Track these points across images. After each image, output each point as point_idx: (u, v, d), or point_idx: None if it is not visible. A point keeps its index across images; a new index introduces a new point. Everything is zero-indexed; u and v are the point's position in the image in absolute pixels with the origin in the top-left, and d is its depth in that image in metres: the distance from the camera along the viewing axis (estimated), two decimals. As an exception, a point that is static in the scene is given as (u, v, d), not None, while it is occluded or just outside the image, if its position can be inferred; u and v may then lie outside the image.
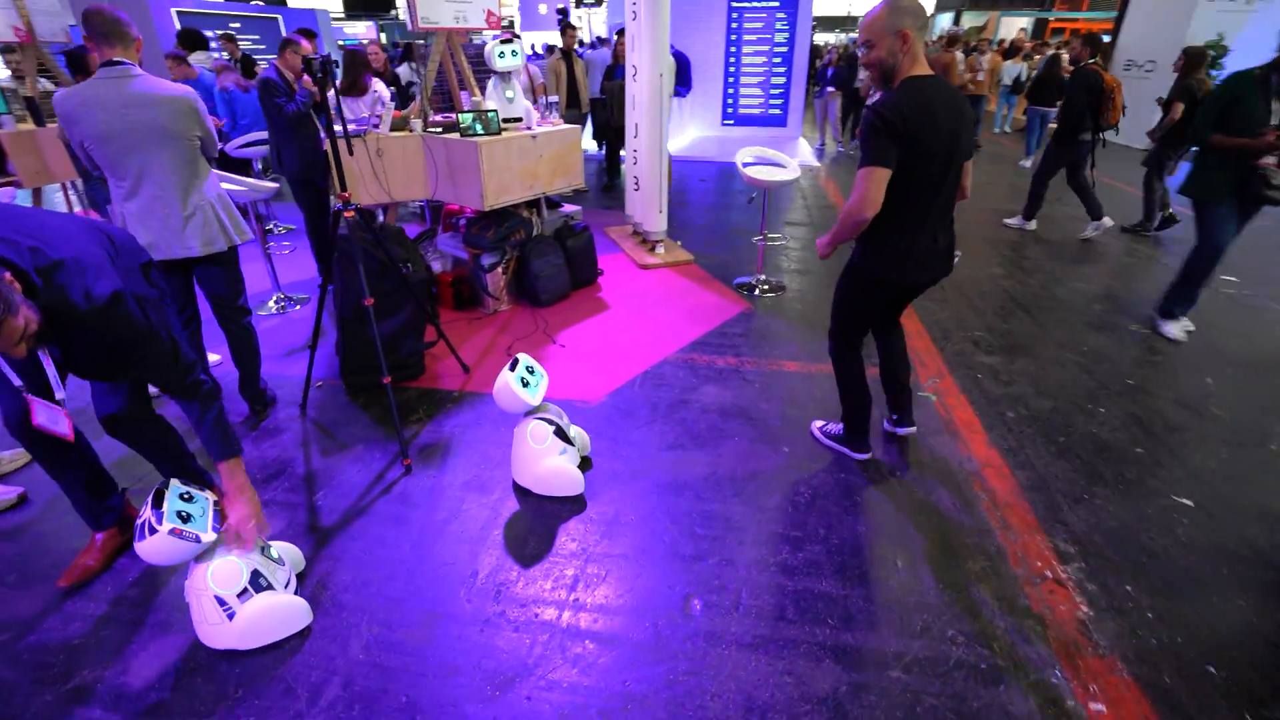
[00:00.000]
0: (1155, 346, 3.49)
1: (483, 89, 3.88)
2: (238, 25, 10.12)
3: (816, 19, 9.99)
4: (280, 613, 1.80)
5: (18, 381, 1.62)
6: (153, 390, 2.11)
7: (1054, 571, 2.03)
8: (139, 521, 1.63)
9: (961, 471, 2.49)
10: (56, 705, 1.65)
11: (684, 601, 1.93)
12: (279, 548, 1.98)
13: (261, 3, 19.08)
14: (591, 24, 18.82)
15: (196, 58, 5.93)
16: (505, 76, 3.60)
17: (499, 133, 3.47)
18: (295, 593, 1.93)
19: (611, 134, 6.93)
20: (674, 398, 3.00)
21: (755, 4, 8.94)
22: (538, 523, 2.25)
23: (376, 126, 3.64)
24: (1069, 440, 2.68)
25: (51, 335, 1.44)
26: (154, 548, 1.60)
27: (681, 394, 3.03)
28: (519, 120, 3.68)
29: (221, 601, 1.73)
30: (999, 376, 3.19)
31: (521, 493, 2.38)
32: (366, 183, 3.61)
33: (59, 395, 1.64)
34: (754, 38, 9.11)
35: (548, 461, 2.32)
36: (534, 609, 1.90)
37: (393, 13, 22.01)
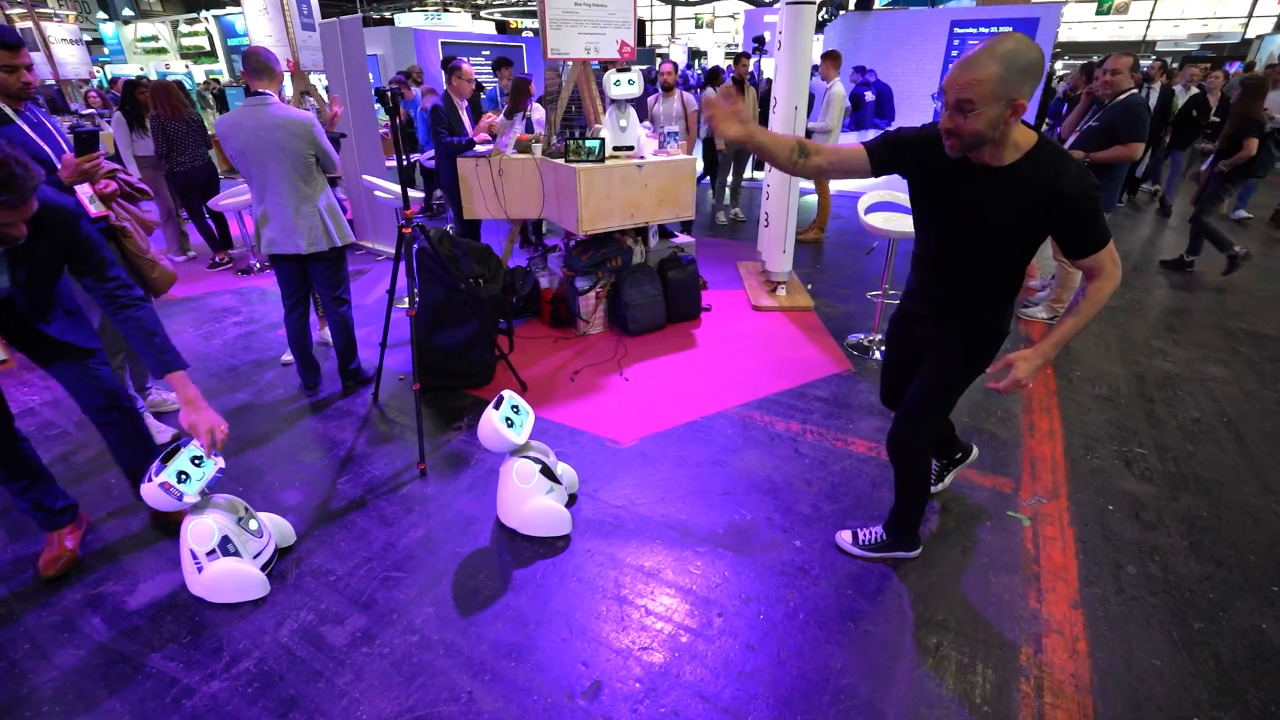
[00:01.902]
0: None
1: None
2: (488, 52, 11.74)
3: (1060, 45, 8.53)
4: (238, 579, 2.00)
5: None
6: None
7: (1081, 812, 1.45)
8: (152, 465, 1.92)
9: (1014, 631, 1.91)
10: (78, 598, 2.03)
11: (590, 686, 1.75)
12: (269, 520, 2.22)
13: (533, 34, 21.97)
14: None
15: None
16: (621, 105, 3.65)
17: (602, 160, 3.52)
18: (272, 564, 2.14)
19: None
20: (708, 457, 2.76)
21: (983, 29, 7.92)
22: (499, 559, 2.22)
23: (505, 147, 3.93)
24: (1210, 631, 1.91)
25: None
26: (147, 492, 1.89)
27: (718, 454, 2.78)
28: (630, 149, 3.70)
29: (194, 555, 1.98)
30: (1141, 515, 2.39)
31: (500, 526, 2.37)
32: (486, 199, 3.91)
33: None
34: (976, 66, 8.06)
35: (534, 501, 2.27)
36: (439, 650, 1.87)
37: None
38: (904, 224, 3.38)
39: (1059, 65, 19.54)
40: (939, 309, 1.83)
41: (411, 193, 3.87)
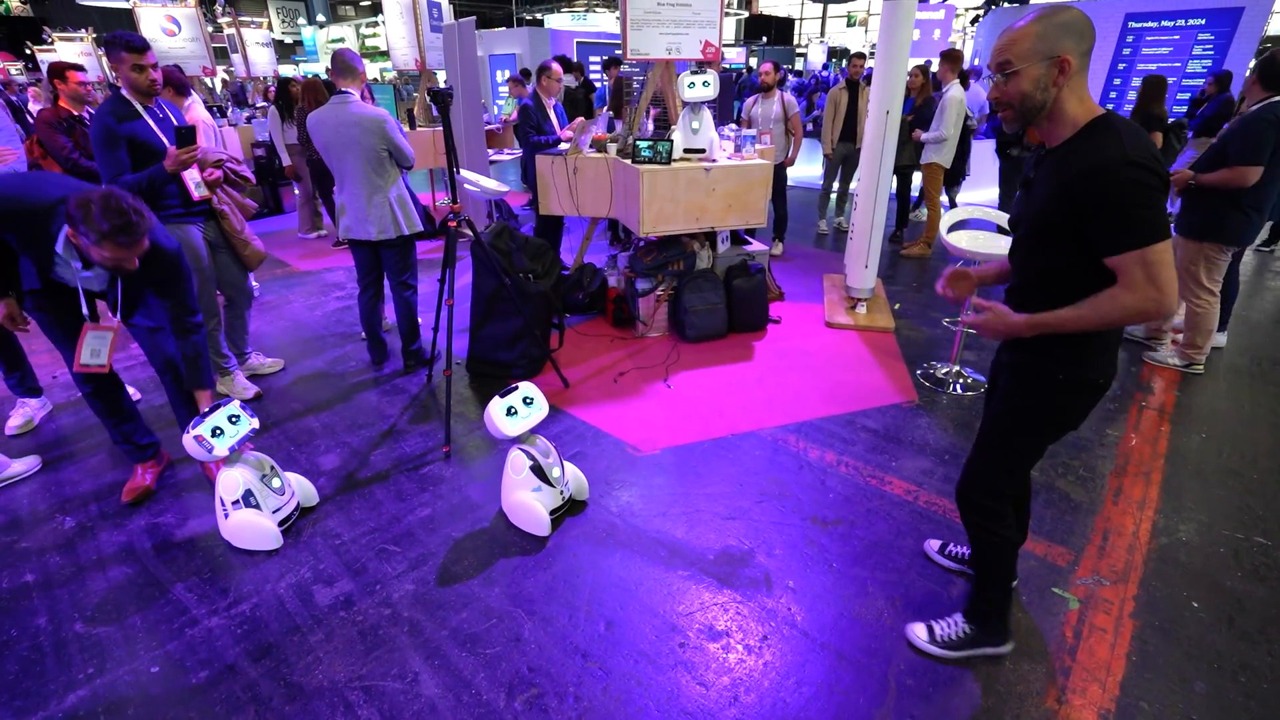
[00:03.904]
0: None
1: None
2: (619, 50, 12.08)
3: (1269, 40, 7.12)
4: (256, 530, 2.22)
5: (86, 311, 2.18)
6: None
7: None
8: (194, 418, 2.18)
9: (1015, 729, 1.63)
10: (141, 524, 2.36)
11: (529, 694, 1.74)
12: (295, 480, 2.43)
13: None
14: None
15: (566, 79, 7.22)
16: (695, 107, 3.56)
17: (667, 162, 3.47)
18: (291, 520, 2.35)
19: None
20: (725, 477, 2.63)
21: (1166, 23, 6.81)
22: (486, 549, 2.27)
23: (584, 145, 4.00)
24: (1289, 783, 1.51)
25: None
26: (185, 442, 2.14)
27: (738, 475, 2.64)
28: (701, 151, 3.61)
29: (222, 502, 2.22)
30: (1237, 621, 1.94)
31: (499, 517, 2.41)
32: (560, 196, 4.01)
33: (116, 316, 2.20)
34: (1154, 66, 6.94)
35: (519, 494, 2.31)
36: (404, 626, 1.94)
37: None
38: (991, 245, 2.99)
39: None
40: None
41: (493, 185, 4.05)
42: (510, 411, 2.25)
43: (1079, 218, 1.28)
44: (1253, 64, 6.84)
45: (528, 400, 2.31)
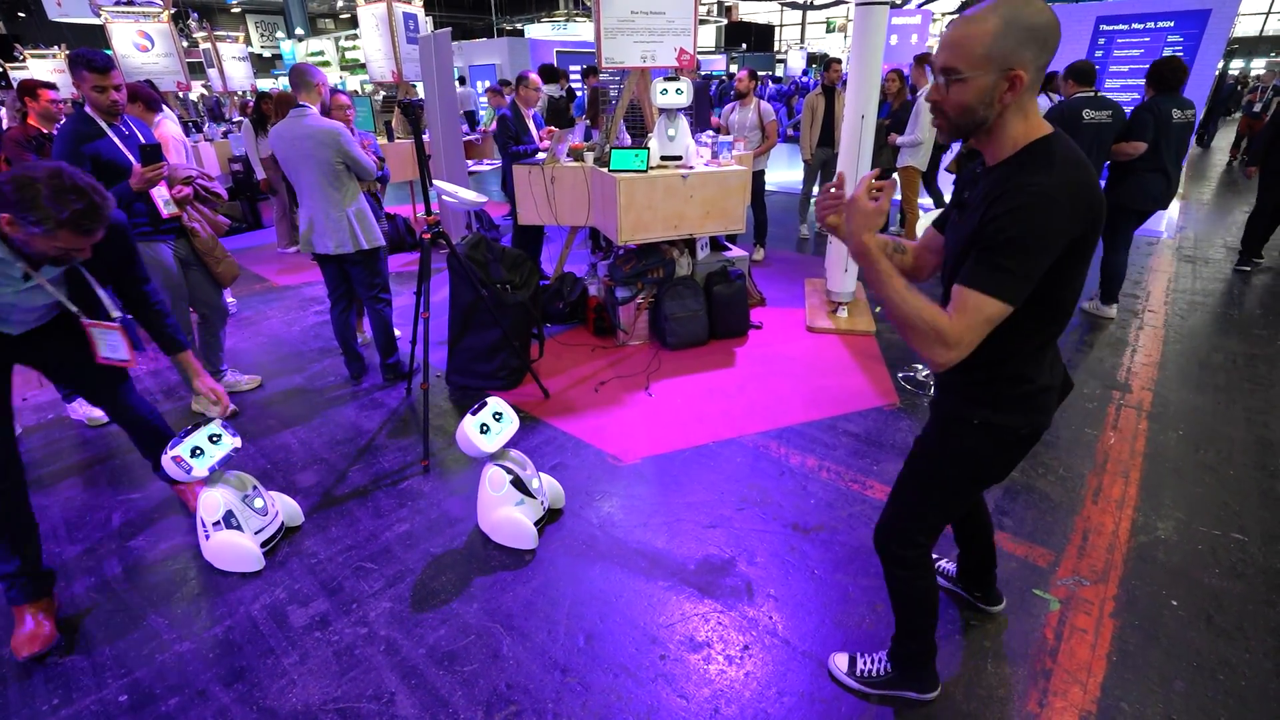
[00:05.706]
0: None
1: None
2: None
3: (1236, 41, 7.24)
4: (237, 551, 2.17)
5: (75, 309, 1.87)
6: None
7: None
8: (174, 438, 2.13)
9: (997, 733, 1.62)
10: (114, 546, 2.30)
11: (507, 712, 1.71)
12: (279, 500, 2.38)
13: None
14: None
15: (551, 89, 7.22)
16: (670, 114, 3.57)
17: (645, 170, 3.47)
18: (275, 541, 2.30)
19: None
20: (706, 485, 2.62)
21: (1136, 25, 6.92)
22: (465, 564, 2.23)
23: (561, 155, 3.99)
24: (1268, 780, 1.51)
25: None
26: (165, 462, 2.09)
27: (719, 483, 2.63)
28: (678, 159, 3.61)
29: (203, 523, 2.18)
30: (1215, 618, 1.95)
31: (478, 531, 2.38)
32: (539, 205, 4.00)
33: (114, 314, 1.92)
34: (1125, 69, 7.06)
35: (502, 510, 2.28)
36: (380, 646, 1.91)
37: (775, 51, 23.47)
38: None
39: (1263, 65, 16.55)
40: None
41: (471, 196, 4.03)
42: (484, 429, 2.23)
43: None
44: (1274, 61, 6.94)
45: (498, 415, 2.29)
